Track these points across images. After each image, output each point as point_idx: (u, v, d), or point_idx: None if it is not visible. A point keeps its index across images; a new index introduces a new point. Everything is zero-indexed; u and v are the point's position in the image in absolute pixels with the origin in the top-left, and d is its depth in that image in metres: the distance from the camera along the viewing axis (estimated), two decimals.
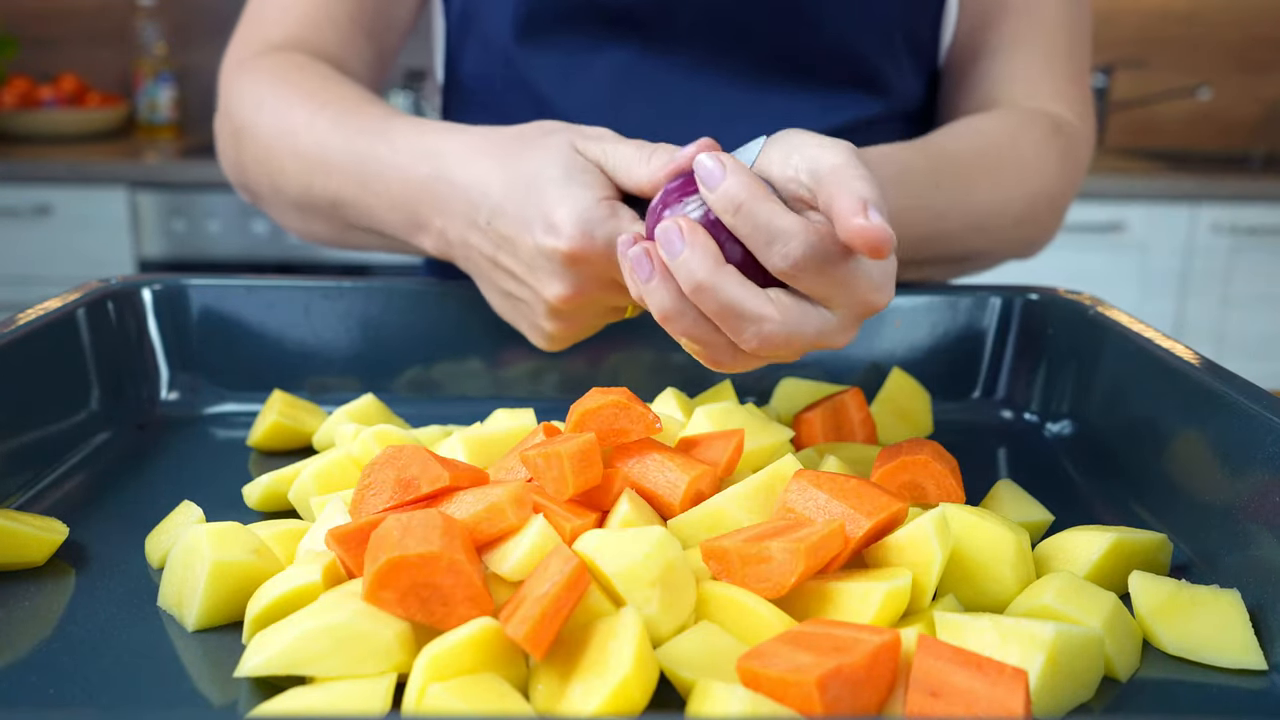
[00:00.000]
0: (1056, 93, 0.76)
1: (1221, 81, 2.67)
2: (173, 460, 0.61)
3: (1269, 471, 0.46)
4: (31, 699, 0.39)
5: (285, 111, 0.67)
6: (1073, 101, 0.77)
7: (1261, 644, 0.43)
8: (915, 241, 0.65)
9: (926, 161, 0.65)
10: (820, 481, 0.45)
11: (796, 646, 0.37)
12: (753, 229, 0.44)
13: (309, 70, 0.70)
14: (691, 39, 0.75)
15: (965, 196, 0.66)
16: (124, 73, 2.63)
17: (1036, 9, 0.77)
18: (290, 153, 0.66)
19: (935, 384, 0.68)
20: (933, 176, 0.64)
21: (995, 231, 0.70)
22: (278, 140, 0.67)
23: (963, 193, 0.66)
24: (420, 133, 0.61)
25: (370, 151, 0.62)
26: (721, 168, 0.44)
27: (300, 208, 0.68)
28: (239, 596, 0.44)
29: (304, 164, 0.66)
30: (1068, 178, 0.75)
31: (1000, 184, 0.69)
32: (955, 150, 0.68)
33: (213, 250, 2.15)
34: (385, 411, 0.63)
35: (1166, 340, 0.58)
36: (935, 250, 0.68)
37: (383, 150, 0.61)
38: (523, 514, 0.43)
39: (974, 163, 0.68)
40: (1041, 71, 0.77)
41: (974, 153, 0.68)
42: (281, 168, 0.67)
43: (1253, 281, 2.24)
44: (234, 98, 0.72)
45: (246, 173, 0.72)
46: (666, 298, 0.46)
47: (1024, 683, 0.35)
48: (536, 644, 0.36)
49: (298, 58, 0.72)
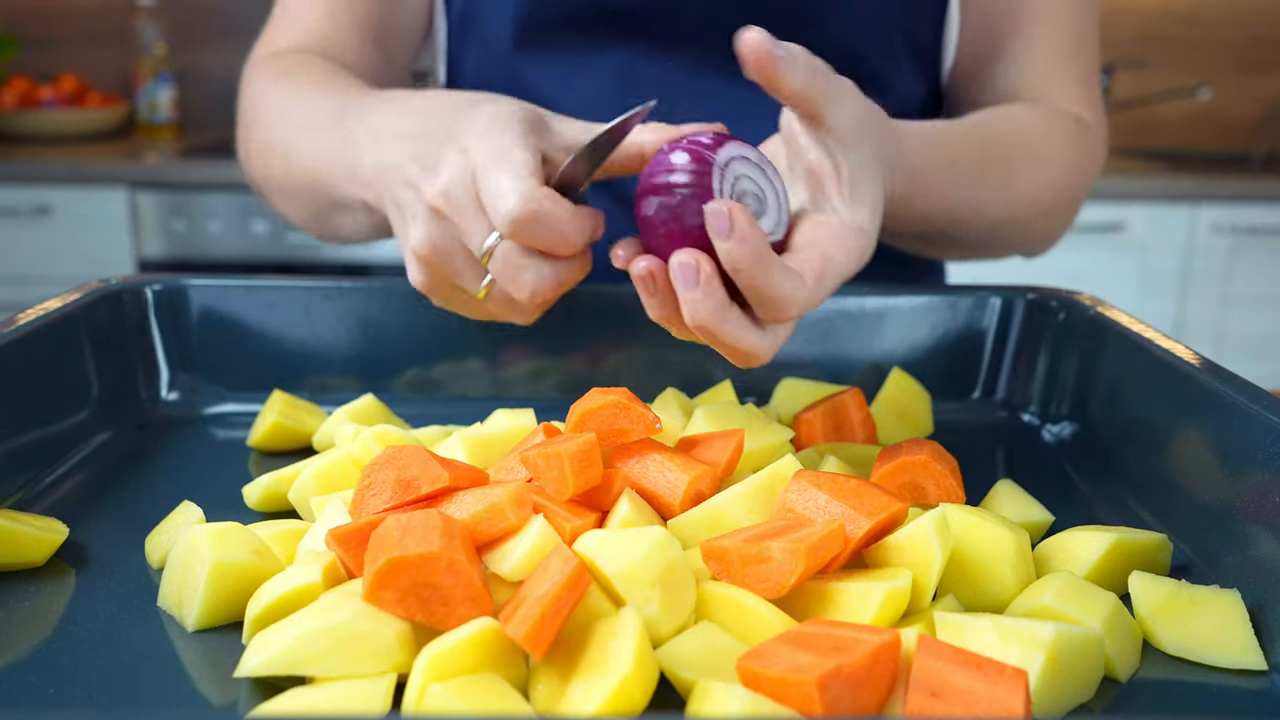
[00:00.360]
0: (1071, 96, 0.77)
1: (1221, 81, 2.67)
2: (173, 460, 0.61)
3: (1269, 471, 0.46)
4: (31, 699, 0.39)
5: (280, 99, 0.70)
6: (1086, 103, 0.78)
7: (1261, 644, 0.43)
8: (951, 223, 0.66)
9: (975, 148, 0.66)
10: (820, 482, 0.45)
11: (796, 646, 0.37)
12: (753, 293, 0.45)
13: (312, 65, 0.73)
14: (692, 39, 0.75)
15: (1006, 186, 0.68)
16: (124, 73, 2.63)
17: (1046, 12, 0.78)
18: (279, 136, 0.69)
19: (935, 384, 0.68)
20: (980, 164, 0.66)
21: (1027, 222, 0.72)
22: (272, 128, 0.71)
23: (1005, 182, 0.68)
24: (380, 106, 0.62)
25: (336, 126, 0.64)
26: (729, 225, 0.44)
27: (285, 191, 0.71)
28: (239, 596, 0.44)
29: (285, 145, 0.69)
30: (1086, 174, 0.76)
31: (1037, 175, 0.70)
32: (1004, 136, 0.69)
33: (213, 250, 2.15)
34: (385, 411, 0.63)
35: (1166, 340, 0.58)
36: (968, 233, 0.69)
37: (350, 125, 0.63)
38: (523, 514, 0.43)
39: (1018, 151, 0.69)
40: (1058, 74, 0.77)
41: (1020, 141, 0.70)
42: (271, 151, 0.71)
43: (1253, 281, 2.24)
44: (244, 95, 0.76)
45: (251, 162, 0.75)
46: (663, 314, 0.48)
47: (1024, 683, 0.35)
48: (536, 644, 0.36)
49: (308, 58, 0.75)
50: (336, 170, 0.63)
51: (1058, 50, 0.78)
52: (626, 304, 0.67)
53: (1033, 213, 0.72)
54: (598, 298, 0.68)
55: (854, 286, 0.70)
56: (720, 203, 0.44)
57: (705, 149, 0.47)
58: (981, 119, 0.70)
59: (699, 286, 0.45)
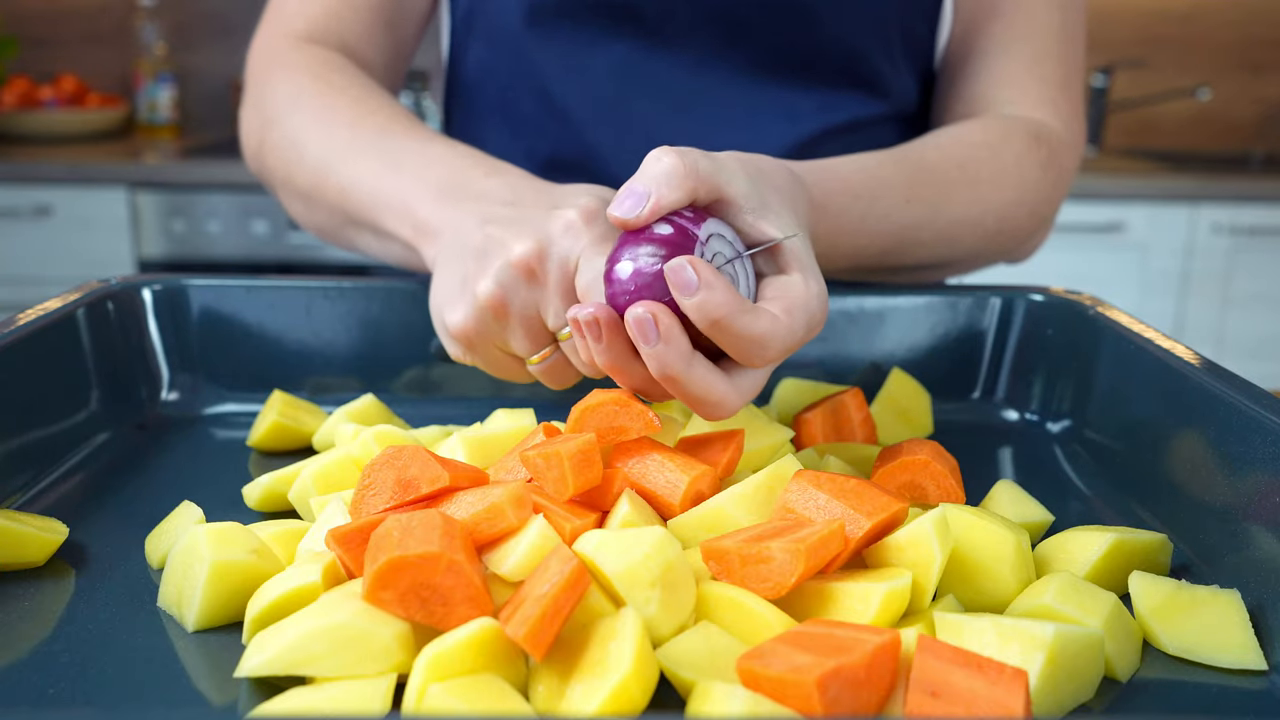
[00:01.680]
0: (1042, 98, 0.76)
1: (1221, 81, 2.67)
2: (173, 460, 0.61)
3: (1269, 471, 0.46)
4: (31, 699, 0.39)
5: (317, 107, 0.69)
6: (1060, 107, 0.76)
7: (1261, 644, 0.43)
8: (882, 253, 0.65)
9: (903, 174, 0.65)
10: (820, 482, 0.45)
11: (796, 646, 0.37)
12: (729, 341, 0.45)
13: (344, 70, 0.72)
14: (692, 35, 0.76)
15: (937, 209, 0.66)
16: (124, 73, 2.63)
17: (1027, 12, 0.76)
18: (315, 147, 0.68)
19: (935, 384, 0.68)
20: (906, 190, 0.64)
21: (968, 243, 0.70)
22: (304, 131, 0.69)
23: (935, 205, 0.66)
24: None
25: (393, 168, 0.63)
26: (694, 280, 0.44)
27: (307, 197, 0.70)
28: (239, 597, 0.44)
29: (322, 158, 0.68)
30: (1050, 186, 0.74)
31: (976, 196, 0.68)
32: (934, 162, 0.67)
33: (213, 250, 2.15)
34: (385, 411, 0.63)
35: (1166, 340, 0.58)
36: (905, 259, 0.68)
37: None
38: (523, 514, 0.43)
39: (950, 175, 0.67)
40: (1028, 76, 0.76)
41: (953, 164, 0.68)
42: (300, 158, 0.69)
43: (1253, 281, 2.24)
44: (268, 90, 0.74)
45: (265, 159, 0.74)
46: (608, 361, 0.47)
47: (1024, 683, 0.35)
48: (536, 645, 0.36)
49: (333, 57, 0.74)
50: (383, 202, 0.62)
51: (1033, 52, 0.76)
52: None
53: (975, 232, 0.70)
54: None
55: (854, 287, 0.70)
56: (681, 259, 0.44)
57: (689, 222, 0.47)
58: (914, 144, 0.69)
59: (658, 337, 0.44)
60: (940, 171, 0.67)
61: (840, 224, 0.60)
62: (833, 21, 0.75)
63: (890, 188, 0.63)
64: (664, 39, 0.76)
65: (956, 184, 0.67)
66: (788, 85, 0.77)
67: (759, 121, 0.78)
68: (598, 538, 0.41)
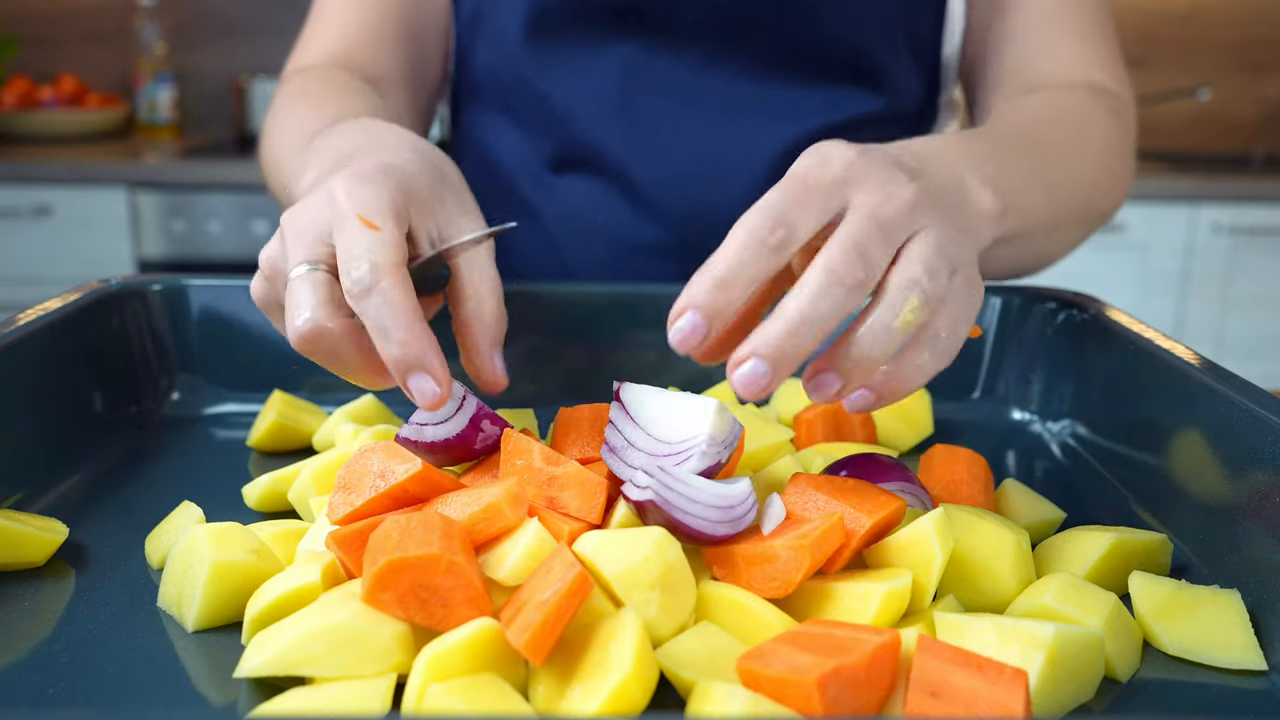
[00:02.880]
0: (1091, 64, 0.77)
1: (1221, 81, 2.67)
2: (173, 460, 0.61)
3: (1269, 471, 0.46)
4: (31, 699, 0.39)
5: (284, 119, 0.72)
6: (1109, 67, 0.77)
7: (1261, 644, 0.43)
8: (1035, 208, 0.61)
9: (1032, 137, 0.65)
10: (819, 483, 0.45)
11: (796, 646, 0.37)
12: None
13: (327, 82, 0.73)
14: (696, 35, 0.76)
15: (1046, 180, 0.64)
16: (124, 73, 2.63)
17: None
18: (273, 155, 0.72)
19: (935, 384, 0.68)
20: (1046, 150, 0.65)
21: (1073, 208, 0.69)
22: (271, 146, 0.73)
23: (1056, 158, 0.66)
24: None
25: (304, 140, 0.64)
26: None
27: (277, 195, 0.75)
28: (239, 597, 0.44)
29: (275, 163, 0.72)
30: (1123, 135, 0.74)
31: (1071, 160, 0.68)
32: (1045, 124, 0.68)
33: (213, 250, 2.15)
34: (385, 411, 0.63)
35: (1166, 340, 0.58)
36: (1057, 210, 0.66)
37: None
38: (519, 512, 0.43)
39: (1050, 137, 0.67)
40: (1074, 46, 0.77)
41: (1048, 123, 0.68)
42: (267, 165, 0.75)
43: (1253, 282, 2.24)
44: (269, 109, 0.78)
45: (264, 170, 0.78)
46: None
47: (1024, 683, 0.35)
48: (537, 651, 0.36)
49: (328, 73, 0.75)
50: (284, 197, 0.66)
51: (1072, 24, 0.77)
52: (626, 304, 0.67)
53: (1078, 198, 0.69)
54: (598, 298, 0.68)
55: None
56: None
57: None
58: (990, 125, 0.69)
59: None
60: (1037, 131, 0.67)
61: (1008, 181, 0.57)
62: (836, 19, 0.75)
63: (1035, 145, 0.63)
64: (668, 38, 0.76)
65: (1056, 140, 0.67)
66: (791, 83, 0.77)
67: (763, 118, 0.78)
68: (597, 539, 0.41)
